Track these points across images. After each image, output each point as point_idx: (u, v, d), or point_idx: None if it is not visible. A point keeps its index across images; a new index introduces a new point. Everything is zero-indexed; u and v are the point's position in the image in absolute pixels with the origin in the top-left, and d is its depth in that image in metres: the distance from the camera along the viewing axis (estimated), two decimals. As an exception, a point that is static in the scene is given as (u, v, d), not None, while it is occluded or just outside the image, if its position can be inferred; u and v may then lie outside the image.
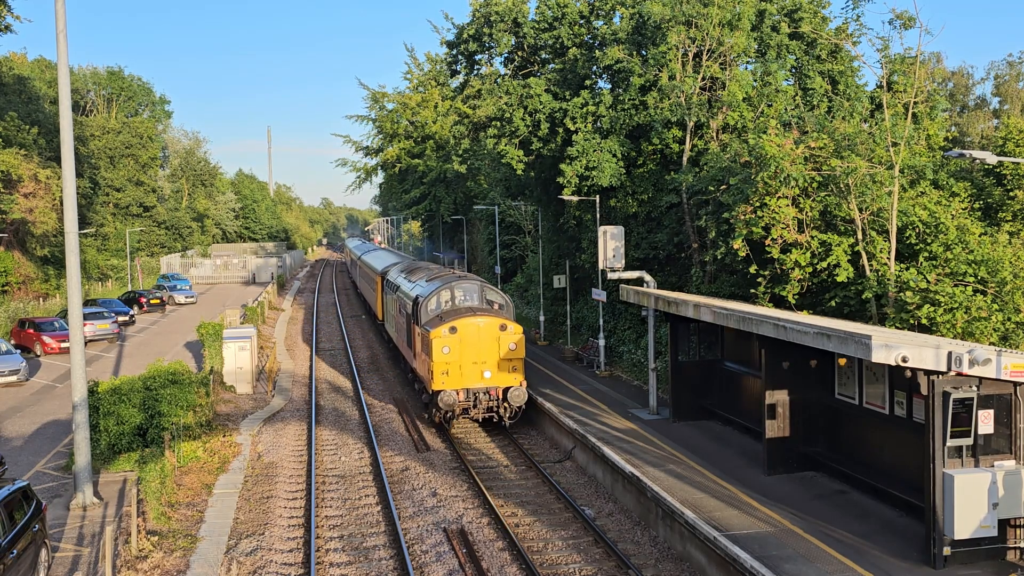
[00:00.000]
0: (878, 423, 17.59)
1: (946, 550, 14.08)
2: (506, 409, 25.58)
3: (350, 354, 41.54)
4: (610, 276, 27.75)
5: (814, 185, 22.28)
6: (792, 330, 16.30)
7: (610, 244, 28.18)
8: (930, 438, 14.15)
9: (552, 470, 22.97)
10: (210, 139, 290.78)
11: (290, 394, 32.84)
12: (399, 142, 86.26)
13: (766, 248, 22.27)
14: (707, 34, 29.99)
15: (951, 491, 13.88)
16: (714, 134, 31.17)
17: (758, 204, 22.38)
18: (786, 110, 27.86)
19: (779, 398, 19.19)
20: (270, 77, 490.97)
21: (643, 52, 32.74)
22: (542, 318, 42.77)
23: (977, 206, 25.15)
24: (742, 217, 22.68)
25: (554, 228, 44.33)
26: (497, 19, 38.34)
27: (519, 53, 40.65)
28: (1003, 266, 20.25)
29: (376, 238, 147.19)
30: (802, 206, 22.40)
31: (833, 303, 22.36)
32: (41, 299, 55.99)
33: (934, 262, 21.27)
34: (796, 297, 22.06)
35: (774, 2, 32.72)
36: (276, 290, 71.56)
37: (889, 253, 21.51)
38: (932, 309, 19.38)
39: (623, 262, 28.50)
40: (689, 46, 30.78)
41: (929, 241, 21.96)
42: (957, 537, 13.98)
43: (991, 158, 14.56)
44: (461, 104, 65.21)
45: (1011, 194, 25.81)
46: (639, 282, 27.08)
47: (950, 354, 13.62)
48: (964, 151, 14.65)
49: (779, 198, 22.08)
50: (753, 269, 23.12)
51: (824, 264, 21.85)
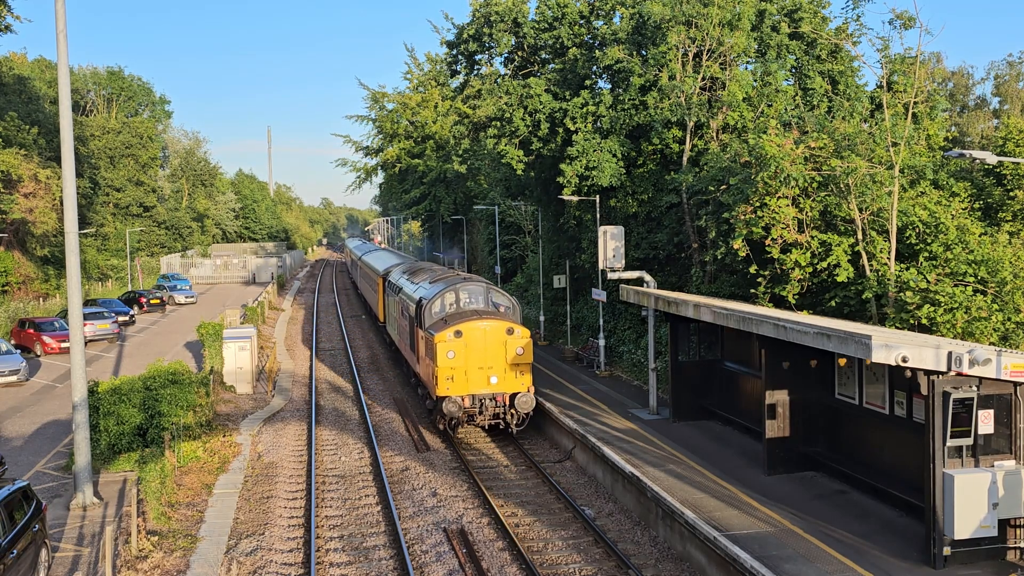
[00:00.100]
0: (878, 423, 17.60)
1: (946, 550, 14.09)
2: (513, 416, 24.73)
3: (350, 354, 41.55)
4: (610, 276, 27.75)
5: (814, 185, 22.28)
6: (792, 330, 16.31)
7: (610, 244, 28.18)
8: (930, 438, 14.16)
9: (552, 470, 22.98)
10: (210, 139, 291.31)
11: (290, 394, 32.84)
12: (399, 142, 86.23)
13: (766, 248, 22.27)
14: (707, 34, 29.99)
15: (951, 491, 13.88)
16: (714, 134, 31.17)
17: (758, 204, 22.38)
18: (786, 110, 27.87)
19: (779, 398, 19.20)
20: (270, 77, 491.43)
21: (643, 52, 32.74)
22: (542, 318, 42.77)
23: (977, 206, 25.15)
24: (742, 217, 22.69)
25: (554, 228, 44.33)
26: (497, 19, 38.33)
27: (519, 53, 40.65)
28: (1003, 266, 20.25)
29: (376, 238, 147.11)
30: (802, 206, 22.40)
31: (833, 303, 22.37)
32: (41, 299, 55.99)
33: (934, 262, 21.28)
34: (796, 297, 22.07)
35: (774, 2, 32.72)
36: (276, 290, 71.57)
37: (889, 253, 21.51)
38: (932, 309, 19.39)
39: (623, 262, 28.51)
40: (689, 46, 30.78)
41: (929, 241, 21.96)
42: (957, 537, 13.99)
43: (991, 158, 14.57)
44: (461, 104, 65.18)
45: (1011, 194, 25.81)
46: (639, 282, 27.08)
47: (950, 354, 13.63)
48: (964, 151, 14.65)
49: (779, 198, 22.08)
50: (753, 269, 23.13)
51: (824, 264, 21.86)
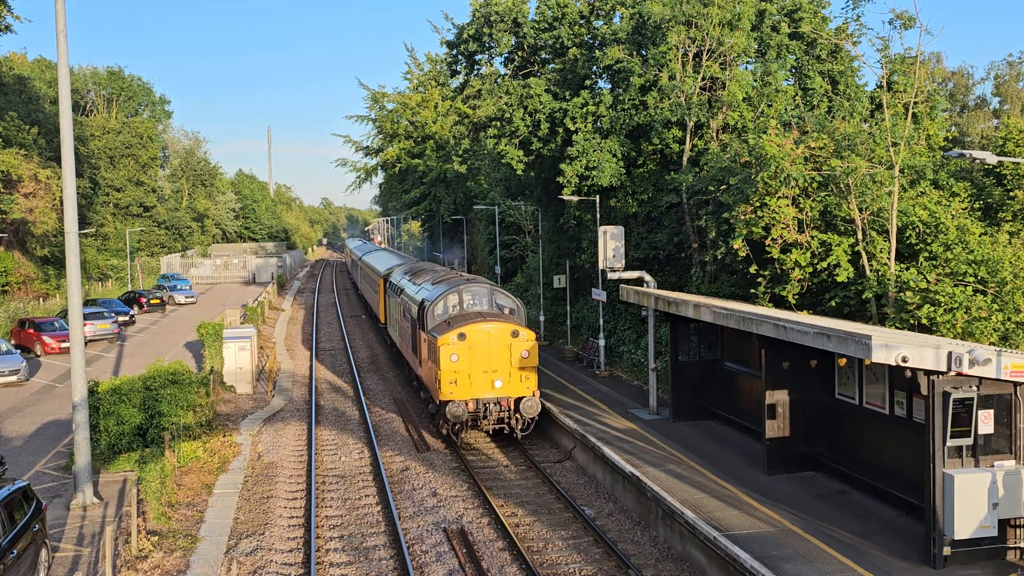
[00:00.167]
0: (878, 423, 17.60)
1: (946, 550, 14.08)
2: (518, 421, 24.28)
3: (350, 354, 41.54)
4: (610, 276, 27.74)
5: (814, 185, 22.28)
6: (792, 330, 16.31)
7: (610, 244, 28.18)
8: (930, 438, 14.15)
9: (552, 470, 22.98)
10: (210, 139, 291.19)
11: (290, 394, 32.84)
12: (399, 142, 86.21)
13: (766, 248, 22.27)
14: (707, 34, 29.99)
15: (951, 491, 13.88)
16: (714, 134, 31.18)
17: (758, 204, 22.38)
18: (786, 110, 27.87)
19: (779, 398, 19.19)
20: (270, 77, 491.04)
21: (643, 52, 32.74)
22: (542, 318, 42.77)
23: (977, 206, 25.14)
24: (742, 217, 22.69)
25: (554, 228, 44.33)
26: (497, 19, 38.33)
27: (519, 53, 40.65)
28: (1003, 266, 20.25)
29: (376, 238, 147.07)
30: (802, 206, 22.40)
31: (833, 303, 22.37)
32: (41, 299, 55.99)
33: (934, 262, 21.28)
34: (796, 297, 22.07)
35: (774, 2, 32.72)
36: (276, 290, 71.57)
37: (889, 253, 21.51)
38: (932, 309, 19.39)
39: (623, 262, 28.50)
40: (689, 46, 30.78)
41: (929, 241, 21.96)
42: (957, 537, 13.99)
43: (991, 158, 14.57)
44: (461, 104, 65.17)
45: (1011, 194, 25.81)
46: (639, 282, 27.07)
47: (950, 354, 13.63)
48: (964, 151, 14.65)
49: (779, 198, 22.08)
50: (753, 269, 23.13)
51: (824, 264, 21.86)
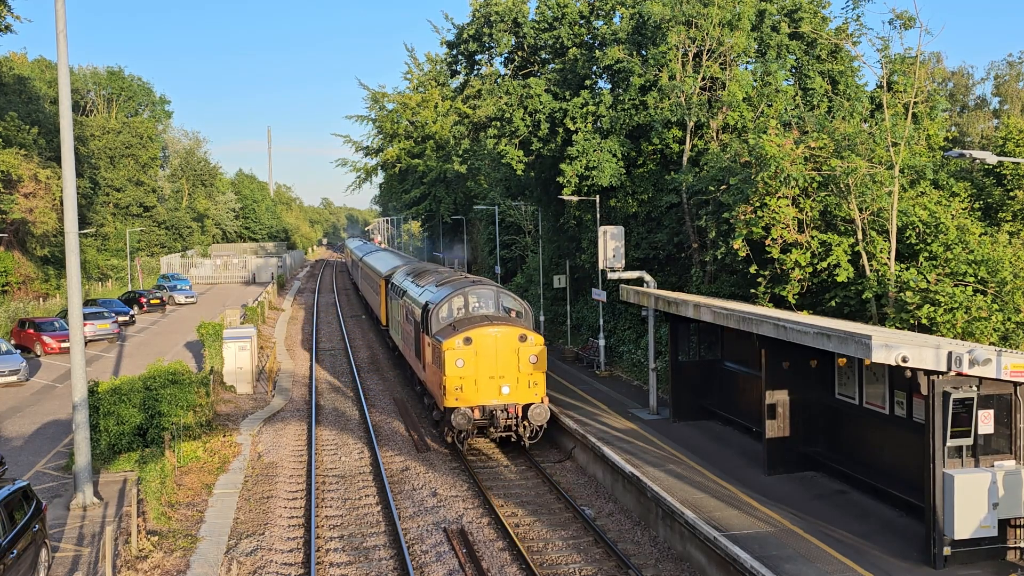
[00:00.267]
0: (878, 423, 17.60)
1: (946, 550, 14.09)
2: (526, 428, 23.47)
3: (350, 354, 41.54)
4: (610, 276, 27.74)
5: (814, 185, 22.28)
6: (792, 330, 16.31)
7: (610, 244, 28.18)
8: (930, 438, 14.15)
9: (552, 470, 22.97)
10: (210, 139, 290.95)
11: (290, 394, 32.84)
12: (399, 142, 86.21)
13: (766, 248, 22.27)
14: (707, 34, 30.00)
15: (951, 491, 13.88)
16: (714, 134, 31.18)
17: (758, 204, 22.39)
18: (786, 110, 27.88)
19: (779, 398, 19.20)
20: (270, 77, 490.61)
21: (643, 52, 32.75)
22: (542, 318, 42.73)
23: (977, 206, 25.15)
24: (742, 217, 22.69)
25: (554, 228, 44.33)
26: (497, 19, 38.33)
27: (519, 53, 40.65)
28: (1003, 266, 20.26)
29: (376, 238, 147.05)
30: (802, 206, 22.40)
31: (833, 303, 22.37)
32: (41, 299, 55.99)
33: (934, 262, 21.28)
34: (796, 297, 22.07)
35: (774, 2, 32.72)
36: (276, 290, 71.56)
37: (889, 253, 21.52)
38: (932, 309, 19.39)
39: (623, 262, 28.50)
40: (689, 46, 30.78)
41: (929, 241, 21.96)
42: (957, 537, 13.99)
43: (991, 158, 14.57)
44: (461, 104, 65.18)
45: (1011, 194, 25.81)
46: (639, 282, 27.07)
47: (950, 354, 13.63)
48: (964, 151, 14.65)
49: (779, 198, 22.09)
50: (753, 269, 23.13)
51: (824, 264, 21.86)
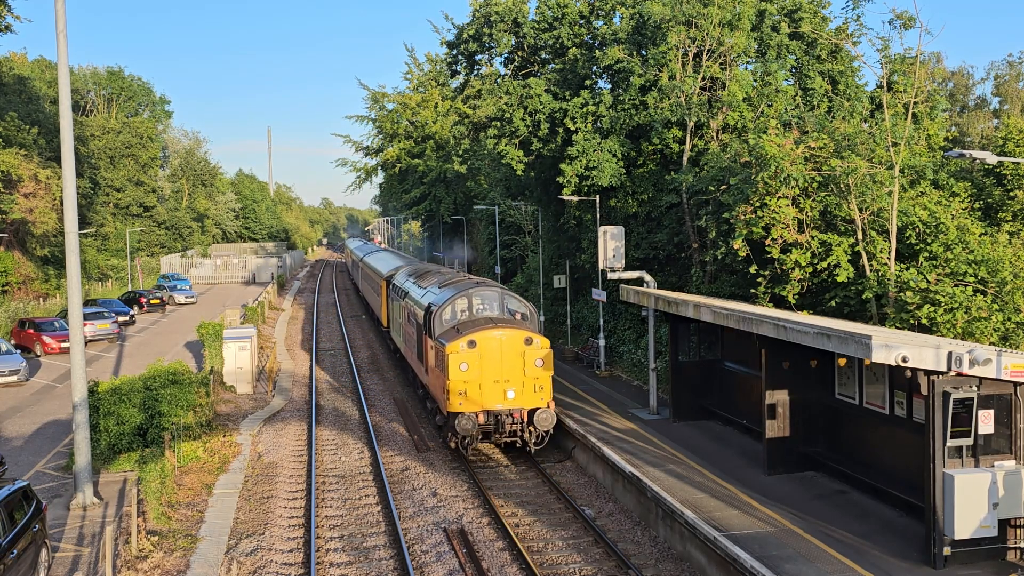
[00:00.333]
0: (878, 423, 17.60)
1: (946, 550, 14.09)
2: (531, 433, 22.93)
3: (350, 354, 41.54)
4: (610, 276, 27.74)
5: (814, 185, 22.28)
6: (792, 330, 16.31)
7: (610, 244, 28.17)
8: (930, 438, 14.15)
9: (552, 470, 22.97)
10: (210, 139, 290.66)
11: (290, 394, 32.84)
12: (399, 142, 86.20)
13: (766, 248, 22.27)
14: (707, 34, 30.00)
15: (951, 491, 13.88)
16: (714, 134, 31.18)
17: (758, 204, 22.39)
18: (786, 110, 27.88)
19: (779, 398, 19.20)
20: (270, 77, 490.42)
21: (643, 52, 32.75)
22: (542, 318, 42.72)
23: (977, 206, 25.14)
24: (742, 217, 22.69)
25: (554, 228, 44.34)
26: (497, 19, 38.33)
27: (519, 53, 40.65)
28: (1003, 266, 20.25)
29: (376, 238, 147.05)
30: (802, 206, 22.41)
31: (833, 303, 22.37)
32: (41, 299, 55.99)
33: (934, 262, 21.28)
34: (796, 297, 22.07)
35: (774, 2, 32.73)
36: (276, 290, 71.56)
37: (889, 253, 21.52)
38: (932, 309, 19.39)
39: (623, 262, 28.50)
40: (689, 46, 30.79)
41: (929, 241, 21.96)
42: (957, 537, 13.99)
43: (991, 158, 14.58)
44: (461, 104, 65.18)
45: (1011, 194, 25.81)
46: (639, 282, 27.07)
47: (950, 354, 13.63)
48: (964, 151, 14.66)
49: (779, 198, 22.09)
50: (753, 269, 23.13)
51: (824, 264, 21.86)
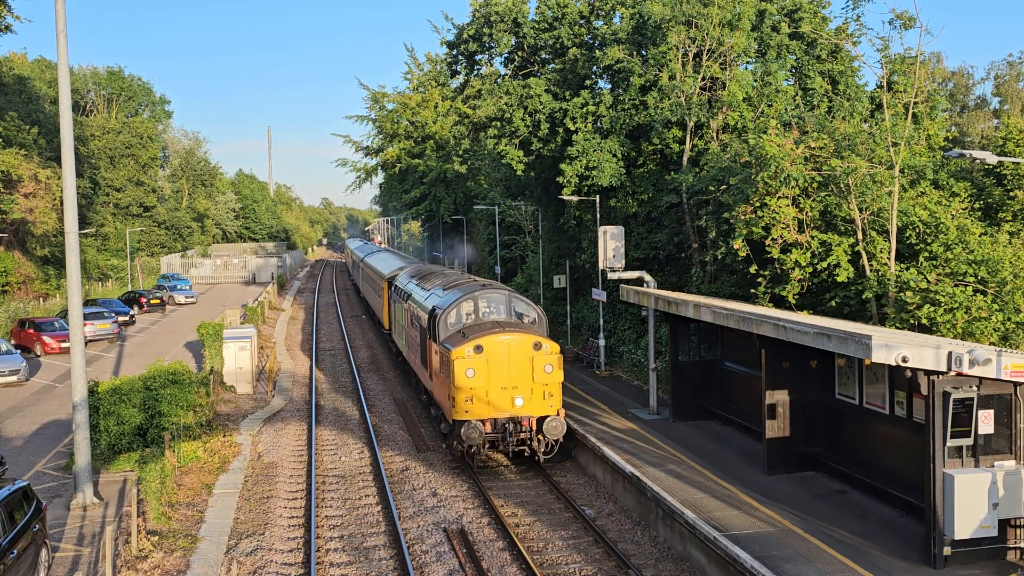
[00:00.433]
0: (878, 423, 17.60)
1: (946, 550, 14.09)
2: (540, 442, 22.12)
3: (350, 354, 41.54)
4: (610, 276, 27.74)
5: (814, 185, 22.29)
6: (792, 330, 16.31)
7: (610, 244, 28.17)
8: (930, 438, 14.15)
9: (552, 470, 22.96)
10: (210, 139, 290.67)
11: (290, 394, 32.84)
12: (399, 142, 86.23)
13: (766, 248, 22.28)
14: (707, 34, 30.00)
15: (951, 491, 13.88)
16: (714, 134, 31.18)
17: (758, 204, 22.39)
18: (786, 110, 27.88)
19: (779, 398, 19.20)
20: (270, 77, 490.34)
21: (643, 52, 32.75)
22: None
23: (977, 206, 25.15)
24: (742, 217, 22.70)
25: (554, 228, 44.34)
26: (497, 19, 38.33)
27: (519, 53, 40.64)
28: (1003, 266, 20.26)
29: (376, 238, 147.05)
30: (802, 206, 22.41)
31: (833, 303, 22.37)
32: (41, 299, 55.99)
33: (934, 262, 21.28)
34: (796, 297, 22.07)
35: (774, 2, 32.74)
36: (276, 290, 71.55)
37: (889, 253, 21.52)
38: (932, 309, 19.39)
39: (623, 262, 28.49)
40: (689, 46, 30.79)
41: (929, 241, 21.97)
42: (957, 537, 13.99)
43: (991, 158, 14.58)
44: (461, 104, 65.19)
45: (1011, 194, 25.82)
46: (639, 282, 27.07)
47: (950, 354, 13.63)
48: (964, 151, 14.66)
49: (779, 198, 22.09)
50: (753, 269, 23.13)
51: (824, 264, 21.86)
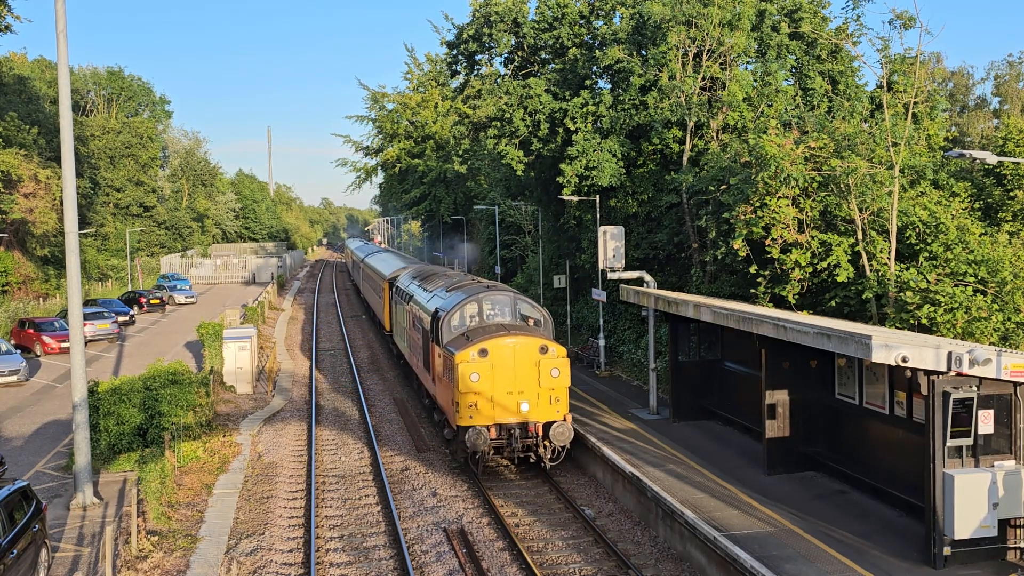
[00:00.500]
0: (878, 423, 17.59)
1: (946, 550, 14.08)
2: (546, 449, 21.48)
3: (350, 354, 41.54)
4: (610, 276, 27.73)
5: (814, 185, 22.29)
6: (792, 330, 16.31)
7: (610, 244, 28.17)
8: (930, 438, 14.15)
9: (552, 470, 22.95)
10: (210, 139, 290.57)
11: (290, 394, 32.84)
12: (399, 142, 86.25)
13: (766, 248, 22.28)
14: (707, 34, 30.01)
15: (951, 491, 13.88)
16: (714, 134, 31.18)
17: (758, 204, 22.39)
18: (786, 110, 27.89)
19: (779, 398, 19.19)
20: (270, 77, 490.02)
21: (643, 52, 32.76)
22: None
23: (977, 206, 25.15)
24: (742, 217, 22.70)
25: (554, 228, 44.34)
26: (497, 19, 38.34)
27: (519, 53, 40.65)
28: (1003, 266, 20.26)
29: (376, 238, 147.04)
30: (802, 206, 22.41)
31: (833, 303, 22.37)
32: (41, 299, 55.99)
33: (934, 262, 21.29)
34: (796, 297, 22.07)
35: (774, 2, 32.74)
36: (276, 290, 71.54)
37: (889, 253, 21.52)
38: (932, 309, 19.39)
39: (623, 262, 28.49)
40: (689, 46, 30.79)
41: (929, 241, 21.97)
42: (957, 537, 13.99)
43: (991, 158, 14.57)
44: (461, 104, 65.21)
45: (1011, 194, 25.82)
46: (639, 282, 27.07)
47: (950, 354, 13.63)
48: (964, 151, 14.66)
49: (779, 198, 22.09)
50: (753, 269, 23.13)
51: (824, 264, 21.86)
